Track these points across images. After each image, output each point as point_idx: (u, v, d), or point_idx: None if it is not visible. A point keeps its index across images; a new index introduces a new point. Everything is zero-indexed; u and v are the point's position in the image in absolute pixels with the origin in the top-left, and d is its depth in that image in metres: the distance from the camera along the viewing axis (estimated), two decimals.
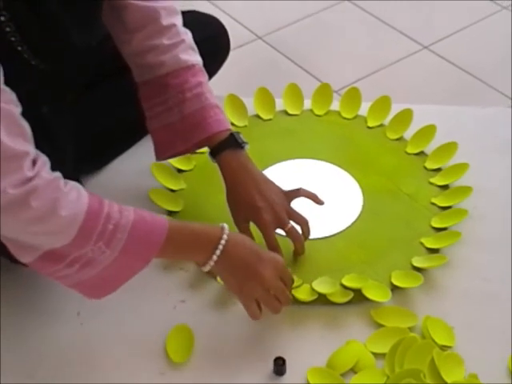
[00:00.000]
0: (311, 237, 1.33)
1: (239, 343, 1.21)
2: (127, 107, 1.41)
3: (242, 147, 1.30)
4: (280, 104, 1.65)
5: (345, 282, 1.27)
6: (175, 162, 1.47)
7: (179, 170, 1.50)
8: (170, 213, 1.41)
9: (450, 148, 1.50)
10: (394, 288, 1.27)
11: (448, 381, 1.13)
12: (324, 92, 1.65)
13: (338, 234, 1.38)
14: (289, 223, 1.28)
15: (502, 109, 1.88)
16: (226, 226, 1.14)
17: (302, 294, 1.25)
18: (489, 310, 1.25)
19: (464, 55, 2.17)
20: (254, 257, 1.15)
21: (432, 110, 1.64)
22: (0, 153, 0.94)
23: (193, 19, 1.44)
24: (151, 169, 1.44)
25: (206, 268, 1.13)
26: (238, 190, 1.29)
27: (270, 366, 1.17)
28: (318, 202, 1.34)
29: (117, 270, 1.08)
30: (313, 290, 1.26)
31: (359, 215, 1.41)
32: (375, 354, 1.18)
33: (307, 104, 1.65)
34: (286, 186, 1.33)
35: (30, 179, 0.97)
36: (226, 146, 1.30)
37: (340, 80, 1.99)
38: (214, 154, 1.31)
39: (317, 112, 1.64)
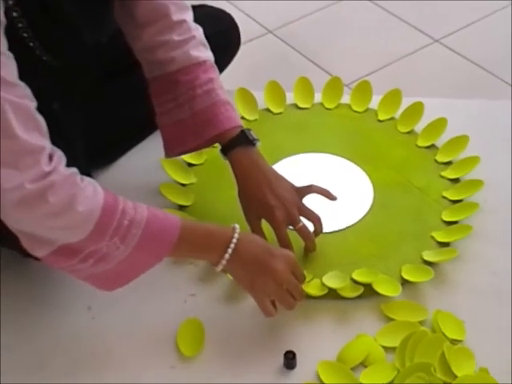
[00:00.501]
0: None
1: (249, 337, 1.21)
2: (137, 103, 1.41)
3: (254, 144, 1.29)
4: (290, 98, 1.65)
5: (355, 276, 1.27)
6: (186, 156, 1.47)
7: (190, 164, 1.50)
8: (181, 207, 1.41)
9: (461, 141, 1.50)
10: (405, 282, 1.27)
11: (458, 375, 1.13)
12: (334, 85, 1.64)
13: (348, 228, 1.38)
14: (300, 221, 1.28)
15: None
16: (237, 226, 1.15)
17: (312, 288, 1.25)
18: (499, 304, 1.25)
19: (475, 49, 2.16)
20: (265, 253, 1.15)
21: (443, 104, 1.63)
22: (17, 147, 0.95)
23: (203, 14, 1.43)
24: (162, 163, 1.45)
25: (219, 267, 1.14)
26: (250, 187, 1.29)
27: (281, 359, 1.17)
28: (331, 197, 1.34)
29: (130, 265, 1.09)
30: (323, 284, 1.26)
31: (370, 209, 1.41)
32: (385, 348, 1.18)
33: (318, 98, 1.65)
34: (297, 179, 1.33)
35: (47, 174, 0.98)
36: (237, 144, 1.29)
37: (350, 74, 1.98)
38: (225, 151, 1.30)
39: (327, 105, 1.64)
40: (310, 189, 1.33)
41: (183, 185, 1.46)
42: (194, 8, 1.39)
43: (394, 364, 1.16)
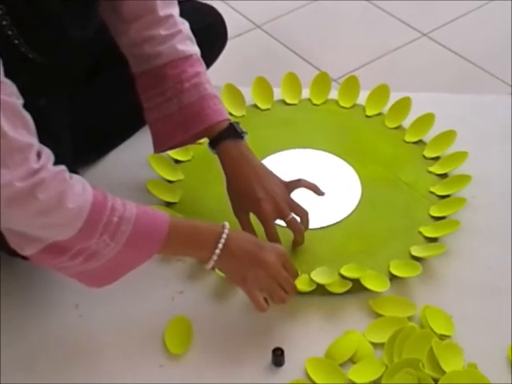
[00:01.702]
0: (310, 227, 1.33)
1: (238, 334, 1.21)
2: (124, 99, 1.41)
3: (242, 137, 1.30)
4: (278, 93, 1.64)
5: (343, 271, 1.27)
6: (173, 152, 1.47)
7: (177, 161, 1.50)
8: (168, 204, 1.41)
9: (448, 136, 1.50)
10: (393, 277, 1.27)
11: (447, 370, 1.13)
12: (322, 81, 1.65)
13: (336, 223, 1.38)
14: (290, 214, 1.29)
15: (502, 96, 1.88)
16: (226, 223, 1.15)
17: (300, 284, 1.25)
18: (488, 299, 1.26)
19: (463, 42, 2.17)
20: (255, 246, 1.16)
21: (431, 98, 1.64)
22: (6, 145, 0.94)
23: (189, 8, 1.43)
24: (149, 160, 1.44)
25: (210, 264, 1.14)
26: (238, 180, 1.29)
27: (269, 356, 1.17)
28: (319, 192, 1.34)
29: (119, 262, 1.09)
30: (311, 280, 1.26)
31: (358, 205, 1.42)
32: (374, 344, 1.19)
33: (306, 93, 1.65)
34: (285, 176, 1.33)
35: (36, 171, 0.98)
36: (226, 137, 1.29)
37: (339, 68, 1.98)
38: (214, 144, 1.30)
39: (315, 101, 1.64)
40: (298, 183, 1.33)
41: (170, 181, 1.46)
42: (180, 2, 1.39)
43: (383, 360, 1.16)
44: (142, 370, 1.17)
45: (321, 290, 1.25)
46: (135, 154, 1.50)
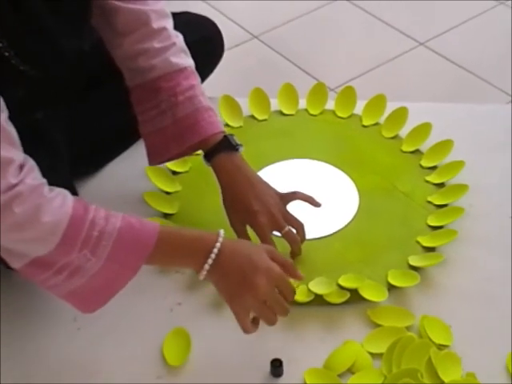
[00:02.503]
0: (308, 237, 1.33)
1: (236, 345, 1.21)
2: (122, 112, 1.41)
3: (237, 149, 1.30)
4: (275, 104, 1.65)
5: (341, 282, 1.27)
6: (170, 164, 1.47)
7: (174, 172, 1.50)
8: (166, 215, 1.41)
9: (445, 146, 1.51)
10: (391, 287, 1.27)
11: (445, 380, 1.14)
12: (319, 91, 1.65)
13: (334, 233, 1.39)
14: (286, 226, 1.28)
15: (500, 106, 1.89)
16: (221, 232, 1.12)
17: (298, 295, 1.25)
18: (486, 308, 1.26)
19: (461, 51, 2.17)
20: (249, 266, 1.10)
21: (428, 108, 1.64)
22: None
23: (186, 21, 1.44)
24: (146, 171, 1.45)
25: (201, 276, 1.11)
26: (234, 192, 1.29)
27: (267, 367, 1.17)
28: (315, 204, 1.34)
29: (105, 279, 1.07)
30: (309, 290, 1.26)
31: (355, 214, 1.42)
32: (372, 354, 1.19)
33: (303, 103, 1.65)
34: (283, 186, 1.33)
35: (14, 186, 0.98)
36: (221, 149, 1.29)
37: (336, 78, 1.99)
38: (209, 157, 1.30)
39: (312, 112, 1.64)
40: (294, 195, 1.33)
41: (168, 193, 1.46)
42: (176, 15, 1.40)
43: (381, 370, 1.16)
44: (141, 382, 1.16)
45: (319, 301, 1.25)
46: (132, 166, 1.50)
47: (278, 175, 1.46)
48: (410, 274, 1.29)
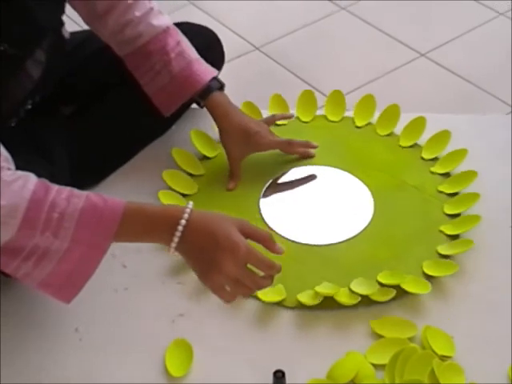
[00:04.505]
0: (334, 241, 1.37)
1: (238, 356, 1.21)
2: (122, 125, 1.44)
3: (223, 87, 1.45)
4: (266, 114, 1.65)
5: (381, 279, 1.29)
6: (186, 166, 1.52)
7: (191, 175, 1.52)
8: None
9: (443, 136, 1.55)
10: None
11: None
12: (308, 98, 1.67)
13: (358, 235, 1.40)
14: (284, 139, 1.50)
15: (500, 116, 1.88)
16: (190, 205, 1.08)
17: (343, 297, 1.26)
18: (489, 319, 1.26)
19: (461, 62, 2.17)
20: (213, 246, 1.05)
21: (429, 118, 1.63)
22: None
23: (186, 30, 1.49)
24: (163, 176, 1.48)
25: (170, 251, 1.08)
26: (231, 123, 1.43)
27: (270, 378, 1.15)
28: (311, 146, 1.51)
29: (74, 262, 1.06)
30: (352, 292, 1.27)
31: (373, 213, 1.44)
32: (375, 366, 1.19)
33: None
34: (299, 194, 1.46)
35: None
36: (212, 89, 1.43)
37: (338, 88, 1.98)
38: (203, 96, 1.43)
39: (303, 119, 1.65)
40: (273, 118, 1.53)
41: (185, 195, 1.48)
42: (177, 25, 1.43)
43: (384, 381, 1.16)
44: None
45: (365, 301, 1.27)
46: (134, 177, 1.51)
47: (291, 183, 1.50)
48: (444, 263, 1.32)
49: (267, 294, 1.28)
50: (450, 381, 1.15)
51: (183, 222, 1.06)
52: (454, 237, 1.38)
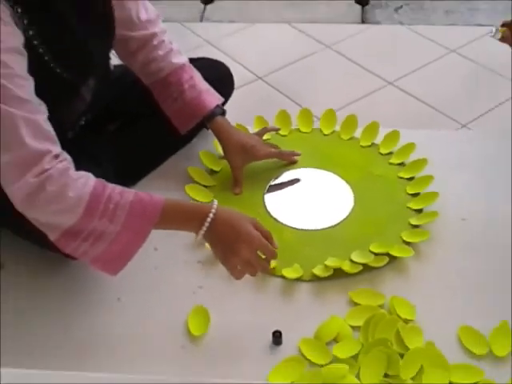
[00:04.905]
0: (329, 225, 1.37)
1: (245, 320, 1.20)
2: (153, 139, 1.46)
3: (225, 113, 1.44)
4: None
5: (373, 249, 1.29)
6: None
7: (206, 186, 1.48)
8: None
9: (394, 135, 1.56)
10: (368, 270, 1.27)
11: (410, 347, 1.13)
12: (306, 115, 1.65)
13: (346, 218, 1.39)
14: (274, 147, 1.49)
15: (452, 131, 1.89)
16: (215, 202, 1.13)
17: (348, 267, 1.26)
18: (442, 292, 1.24)
19: (421, 89, 2.17)
20: (234, 235, 1.11)
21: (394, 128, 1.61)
22: (25, 152, 1.00)
23: (204, 64, 1.50)
24: (186, 190, 1.45)
25: (198, 237, 1.12)
26: (232, 140, 1.42)
27: (270, 337, 1.16)
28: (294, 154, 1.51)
29: (122, 244, 1.08)
30: (353, 262, 1.27)
31: (354, 200, 1.43)
32: (353, 327, 1.18)
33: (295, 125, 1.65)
34: (295, 190, 1.45)
35: (46, 170, 1.02)
36: (216, 114, 1.42)
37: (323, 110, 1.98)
38: (208, 119, 1.42)
39: (303, 129, 1.63)
40: (264, 130, 1.52)
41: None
42: (197, 60, 1.44)
43: (360, 340, 1.16)
44: (168, 350, 1.16)
45: (366, 268, 1.26)
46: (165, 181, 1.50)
47: (286, 183, 1.49)
48: (417, 231, 1.34)
49: (288, 271, 1.27)
50: (411, 339, 1.14)
51: (211, 215, 1.10)
52: (419, 210, 1.38)
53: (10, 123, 1.00)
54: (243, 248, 1.10)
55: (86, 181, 1.06)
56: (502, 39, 1.35)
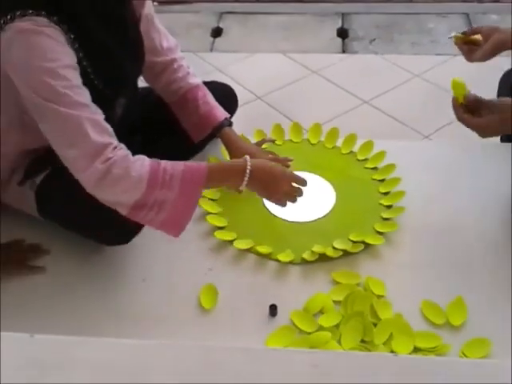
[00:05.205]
0: (316, 218, 1.36)
1: (247, 296, 1.21)
2: (172, 148, 1.43)
3: (232, 125, 1.43)
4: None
5: (352, 238, 1.29)
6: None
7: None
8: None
9: (369, 144, 1.54)
10: (347, 255, 1.27)
11: (382, 318, 1.14)
12: (297, 128, 1.64)
13: (330, 212, 1.38)
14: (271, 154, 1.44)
15: (416, 141, 1.90)
16: (247, 157, 1.16)
17: (330, 252, 1.26)
18: (409, 272, 1.25)
19: (392, 107, 2.18)
20: (270, 177, 1.18)
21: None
22: (92, 145, 1.03)
23: (214, 86, 1.49)
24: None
25: (241, 189, 1.16)
26: (239, 149, 1.38)
27: (267, 310, 1.17)
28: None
29: (181, 207, 1.09)
30: (335, 248, 1.27)
31: (336, 197, 1.42)
32: (335, 302, 1.19)
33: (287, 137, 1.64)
34: None
35: (110, 158, 1.04)
36: (224, 126, 1.40)
37: (311, 123, 1.99)
38: (218, 130, 1.40)
39: (295, 140, 1.62)
40: (262, 141, 1.47)
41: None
42: (208, 83, 1.44)
43: (340, 312, 1.16)
44: (182, 320, 1.16)
45: (346, 254, 1.26)
46: None
47: None
48: (388, 223, 1.32)
49: (282, 255, 1.27)
50: (383, 311, 1.15)
51: (248, 168, 1.14)
52: (389, 206, 1.38)
53: (76, 123, 1.03)
54: (280, 184, 1.17)
55: (143, 162, 1.08)
56: (456, 44, 1.34)
